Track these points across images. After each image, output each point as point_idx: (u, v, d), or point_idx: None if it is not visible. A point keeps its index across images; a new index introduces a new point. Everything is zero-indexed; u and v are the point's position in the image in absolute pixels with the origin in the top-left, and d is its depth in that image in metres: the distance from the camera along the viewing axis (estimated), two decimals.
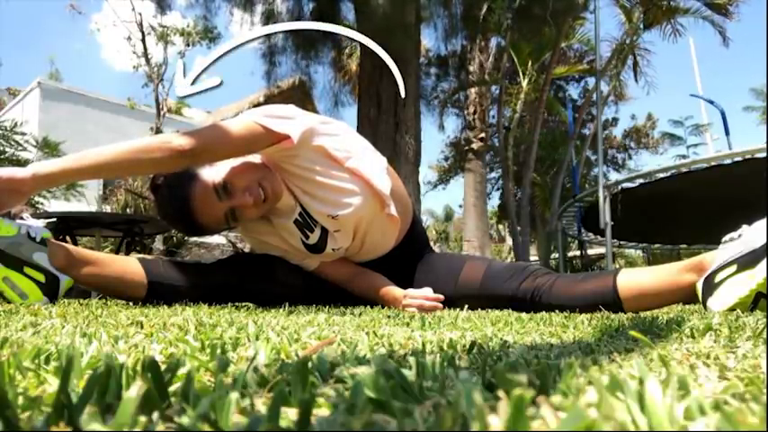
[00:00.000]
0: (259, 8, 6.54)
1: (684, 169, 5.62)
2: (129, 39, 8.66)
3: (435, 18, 6.17)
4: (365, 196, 1.37)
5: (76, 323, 0.70)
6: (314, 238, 1.42)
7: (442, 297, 1.34)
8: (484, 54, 10.12)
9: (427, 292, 1.35)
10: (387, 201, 1.40)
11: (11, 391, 0.25)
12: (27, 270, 1.20)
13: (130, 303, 1.29)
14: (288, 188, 1.39)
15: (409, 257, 1.56)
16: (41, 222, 1.28)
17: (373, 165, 1.41)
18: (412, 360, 0.33)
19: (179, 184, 1.29)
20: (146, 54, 8.50)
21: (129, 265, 1.33)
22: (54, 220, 3.11)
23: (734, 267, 1.09)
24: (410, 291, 1.37)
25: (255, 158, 1.39)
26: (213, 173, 1.30)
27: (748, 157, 4.97)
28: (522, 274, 1.37)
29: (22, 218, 1.27)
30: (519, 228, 8.62)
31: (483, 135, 10.52)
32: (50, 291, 1.21)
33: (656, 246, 9.14)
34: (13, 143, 5.31)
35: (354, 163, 1.36)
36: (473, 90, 10.16)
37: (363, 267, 1.53)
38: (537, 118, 8.67)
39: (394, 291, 1.41)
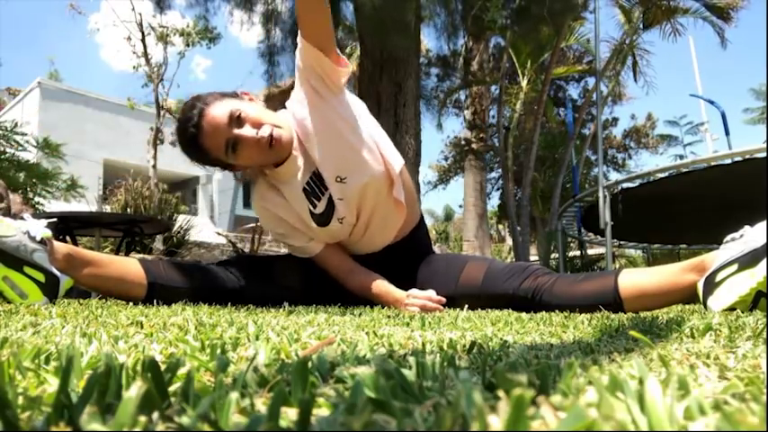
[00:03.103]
0: (259, 8, 6.54)
1: (684, 169, 5.61)
2: (128, 39, 8.65)
3: (435, 17, 6.16)
4: (376, 172, 1.39)
5: (76, 323, 0.70)
6: (320, 207, 1.42)
7: (444, 300, 1.33)
8: (484, 54, 10.12)
9: (431, 293, 1.35)
10: (396, 182, 1.41)
11: (11, 391, 0.25)
12: (27, 270, 1.20)
13: (130, 303, 1.29)
14: (305, 148, 1.39)
15: (411, 257, 1.56)
16: (42, 222, 1.27)
17: (391, 146, 1.46)
18: (412, 360, 0.33)
19: (207, 98, 1.34)
20: (146, 54, 8.50)
21: (130, 266, 1.33)
22: (55, 219, 3.11)
23: (734, 267, 1.09)
24: (414, 291, 1.37)
25: (289, 119, 1.41)
26: (240, 104, 1.33)
27: (748, 157, 4.97)
28: (522, 274, 1.37)
29: (22, 217, 1.27)
30: (519, 228, 8.62)
31: (483, 135, 10.52)
32: (50, 291, 1.21)
33: (656, 246, 9.14)
34: (13, 143, 5.31)
35: (377, 134, 1.42)
36: (473, 90, 10.17)
37: (365, 267, 1.53)
38: (537, 118, 8.66)
39: (395, 291, 1.41)
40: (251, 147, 1.31)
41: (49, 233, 1.25)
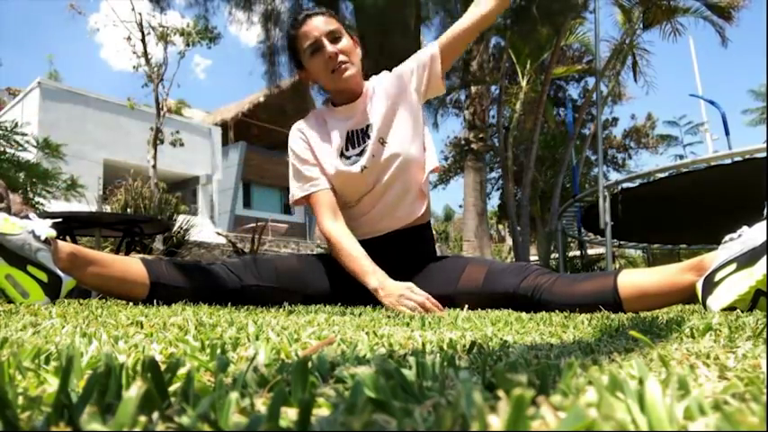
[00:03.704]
0: (259, 8, 6.53)
1: (684, 169, 5.61)
2: (128, 39, 8.63)
3: (435, 17, 6.16)
4: (412, 153, 1.54)
5: (76, 323, 0.70)
6: (352, 152, 1.55)
7: (440, 306, 1.30)
8: (484, 54, 10.12)
9: (427, 295, 1.34)
10: (426, 176, 1.57)
11: (11, 391, 0.25)
12: (30, 269, 1.20)
13: (130, 303, 1.29)
14: (372, 105, 1.57)
15: (412, 253, 1.57)
16: (47, 222, 1.27)
17: (434, 149, 1.65)
18: (412, 360, 0.33)
19: (333, 14, 1.58)
20: (146, 54, 8.48)
21: (132, 266, 1.33)
22: (60, 220, 3.11)
23: (733, 266, 1.09)
24: (413, 286, 1.34)
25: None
26: (345, 35, 1.55)
27: (748, 157, 4.97)
28: (522, 273, 1.38)
29: (28, 217, 1.27)
30: (519, 228, 8.62)
31: (483, 135, 10.52)
32: (52, 291, 1.21)
33: (656, 246, 9.14)
34: (13, 143, 5.31)
35: (428, 135, 1.64)
36: (473, 90, 10.17)
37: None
38: (537, 118, 8.66)
39: (374, 269, 1.38)
40: (323, 59, 1.51)
41: (53, 233, 1.25)
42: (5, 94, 15.93)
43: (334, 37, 1.53)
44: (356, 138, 1.56)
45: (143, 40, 8.40)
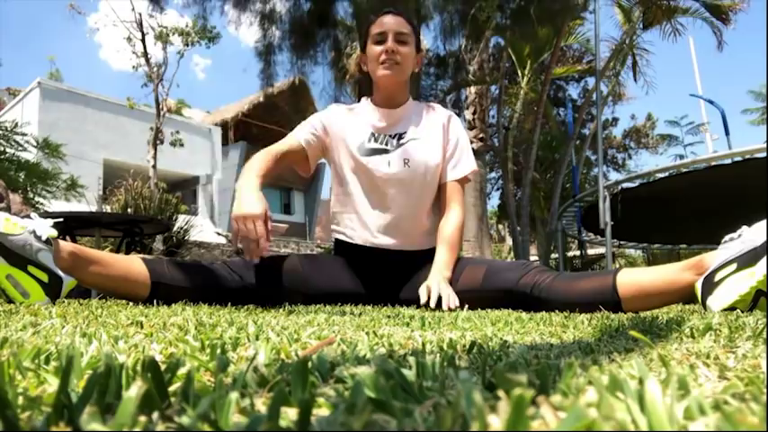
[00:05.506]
0: (258, 7, 6.52)
1: (684, 169, 5.60)
2: (128, 39, 8.63)
3: (434, 17, 6.15)
4: (425, 196, 1.63)
5: (76, 323, 0.70)
6: (374, 143, 1.62)
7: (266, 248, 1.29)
8: (483, 54, 10.12)
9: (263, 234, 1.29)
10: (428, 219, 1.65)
11: (11, 391, 0.25)
12: (31, 269, 1.20)
13: (130, 303, 1.29)
14: (411, 128, 1.65)
15: (413, 268, 1.59)
16: (49, 222, 1.27)
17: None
18: (412, 360, 0.33)
19: (413, 24, 1.69)
20: (145, 54, 8.47)
21: (134, 265, 1.33)
22: (61, 219, 3.11)
23: (734, 266, 1.09)
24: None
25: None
26: (413, 45, 1.65)
27: (748, 157, 4.96)
28: (522, 269, 1.38)
29: (29, 217, 1.27)
30: (519, 228, 8.62)
31: (483, 135, 10.52)
32: (53, 291, 1.21)
33: (656, 246, 9.13)
34: (13, 143, 5.31)
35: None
36: (473, 90, 10.17)
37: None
38: (537, 118, 8.65)
39: (254, 197, 1.34)
40: (381, 51, 1.61)
41: (54, 233, 1.25)
42: (5, 94, 15.92)
43: (400, 39, 1.63)
44: (380, 137, 1.64)
45: (143, 40, 8.40)
